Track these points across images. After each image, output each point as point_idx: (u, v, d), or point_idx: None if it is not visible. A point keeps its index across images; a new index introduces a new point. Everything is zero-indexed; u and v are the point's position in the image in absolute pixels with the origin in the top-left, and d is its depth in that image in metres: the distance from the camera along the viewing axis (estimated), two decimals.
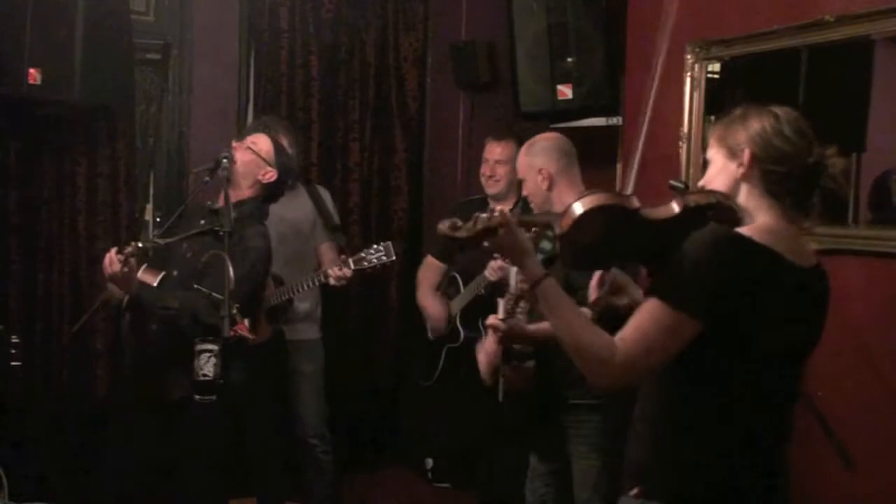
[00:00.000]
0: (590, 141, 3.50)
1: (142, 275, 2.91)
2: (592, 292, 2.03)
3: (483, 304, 3.35)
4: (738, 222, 1.69)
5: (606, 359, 1.61)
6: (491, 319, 2.49)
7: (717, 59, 3.10)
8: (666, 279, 1.62)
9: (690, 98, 3.16)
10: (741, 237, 1.61)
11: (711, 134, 1.80)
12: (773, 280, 1.61)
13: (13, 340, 3.47)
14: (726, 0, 3.04)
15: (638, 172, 2.36)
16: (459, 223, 1.75)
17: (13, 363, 3.47)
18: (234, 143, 3.14)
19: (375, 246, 3.44)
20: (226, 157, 2.98)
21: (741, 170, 1.70)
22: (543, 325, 2.51)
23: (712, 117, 3.19)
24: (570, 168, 2.80)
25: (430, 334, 3.87)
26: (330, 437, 3.74)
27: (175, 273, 2.97)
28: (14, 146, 3.73)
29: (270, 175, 3.10)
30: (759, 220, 1.69)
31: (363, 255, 3.43)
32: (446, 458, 4.44)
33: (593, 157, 3.27)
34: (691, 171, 3.20)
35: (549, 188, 2.77)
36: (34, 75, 3.34)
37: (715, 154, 1.77)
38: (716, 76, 3.12)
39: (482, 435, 3.76)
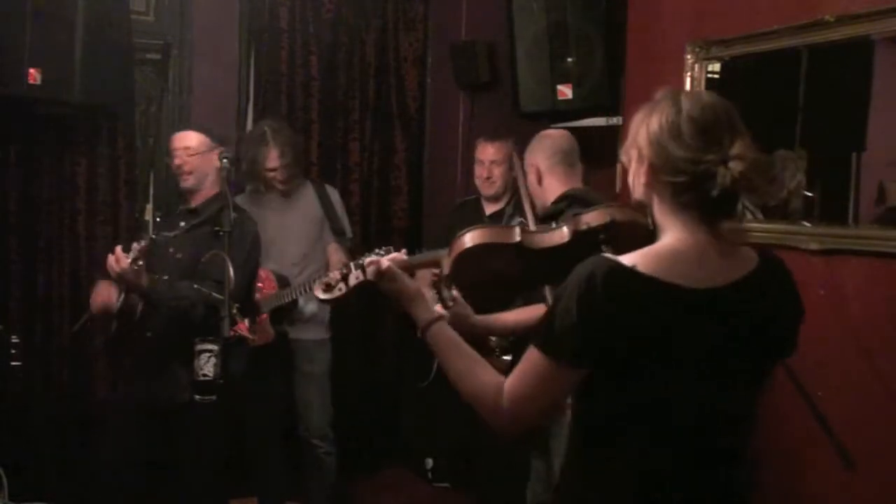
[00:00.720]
0: (590, 141, 3.50)
1: None
2: None
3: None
4: (648, 237, 1.53)
5: (493, 408, 1.52)
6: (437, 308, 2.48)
7: (717, 59, 3.10)
8: (543, 324, 1.48)
9: None
10: (615, 269, 1.42)
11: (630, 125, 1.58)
12: (656, 313, 1.42)
13: (13, 340, 3.47)
14: (726, 0, 3.04)
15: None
16: (332, 281, 1.78)
17: (13, 363, 3.47)
18: (184, 157, 3.12)
19: (377, 250, 3.41)
20: (226, 158, 2.99)
21: (643, 178, 1.51)
22: (492, 318, 2.49)
23: None
24: (563, 165, 2.80)
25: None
26: (333, 438, 3.75)
27: (165, 277, 2.98)
28: (14, 146, 3.73)
29: (216, 159, 3.12)
30: (665, 236, 1.50)
31: (362, 260, 3.41)
32: (446, 458, 4.44)
33: (593, 157, 3.27)
34: None
35: (539, 182, 2.79)
36: (34, 75, 3.34)
37: (630, 152, 1.55)
38: (716, 76, 3.12)
39: (482, 435, 3.75)
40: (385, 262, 1.77)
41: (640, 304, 1.41)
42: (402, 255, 1.83)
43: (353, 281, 1.78)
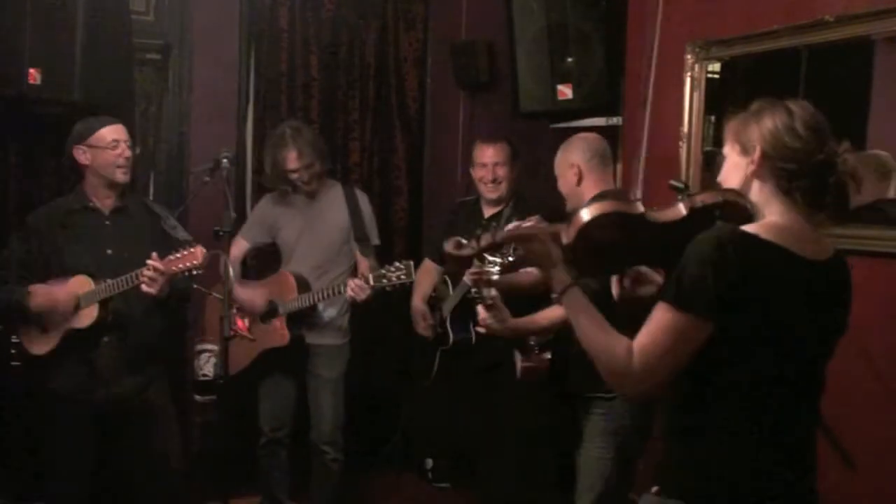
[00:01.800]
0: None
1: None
2: (614, 288, 2.04)
3: (473, 306, 3.34)
4: (749, 219, 1.69)
5: (624, 366, 1.64)
6: (480, 310, 2.51)
7: (717, 59, 3.10)
8: (673, 282, 1.62)
9: (690, 98, 3.17)
10: (745, 234, 1.62)
11: (726, 130, 1.80)
12: (779, 275, 1.61)
13: (13, 340, 3.47)
14: (726, 0, 3.04)
15: (644, 172, 2.37)
16: (464, 241, 1.83)
17: (13, 363, 3.47)
18: (128, 151, 3.07)
19: (397, 264, 3.40)
20: (226, 157, 2.99)
21: (752, 167, 1.70)
22: (526, 320, 2.59)
23: (712, 117, 3.19)
24: (601, 167, 2.82)
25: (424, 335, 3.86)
26: (342, 445, 3.72)
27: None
28: (14, 146, 3.73)
29: (89, 153, 3.08)
30: (769, 216, 1.69)
31: (384, 272, 3.39)
32: (446, 458, 4.44)
33: None
34: (691, 170, 3.21)
35: (578, 183, 2.82)
36: (34, 75, 3.33)
37: (729, 150, 1.77)
38: (716, 76, 3.13)
39: (482, 435, 3.75)
40: (534, 224, 1.88)
41: (765, 264, 1.60)
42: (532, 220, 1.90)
43: (484, 242, 1.83)
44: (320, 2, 4.40)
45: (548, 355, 2.89)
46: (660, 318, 1.62)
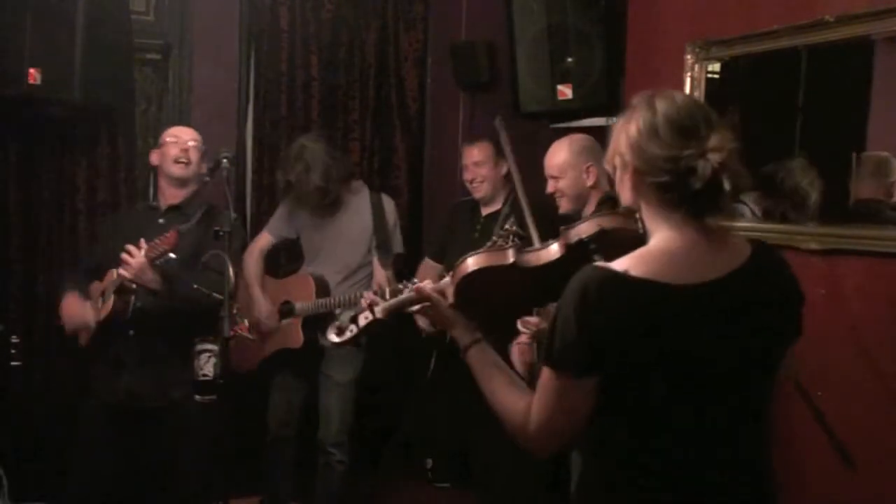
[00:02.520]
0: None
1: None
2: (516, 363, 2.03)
3: None
4: (638, 241, 1.55)
5: (521, 428, 1.56)
6: (527, 318, 2.54)
7: (717, 59, 3.10)
8: (546, 341, 1.51)
9: None
10: (607, 277, 1.45)
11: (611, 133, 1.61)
12: (651, 312, 1.44)
13: (13, 340, 3.48)
14: (726, 0, 3.04)
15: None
16: (343, 325, 1.92)
17: (13, 363, 3.47)
18: (190, 144, 3.16)
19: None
20: (226, 157, 2.99)
21: (629, 183, 1.54)
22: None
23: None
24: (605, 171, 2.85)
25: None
26: (348, 448, 3.72)
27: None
28: (14, 146, 3.73)
29: (204, 167, 3.18)
30: (654, 238, 1.53)
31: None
32: (446, 458, 4.44)
33: None
34: None
35: (594, 185, 2.89)
36: (34, 75, 3.34)
37: (614, 160, 1.58)
38: (716, 76, 3.12)
39: (481, 435, 3.75)
40: (425, 288, 1.84)
41: (635, 308, 1.43)
42: (425, 284, 1.88)
43: (362, 322, 1.89)
44: (320, 2, 4.40)
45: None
46: (543, 381, 1.51)
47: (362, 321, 1.90)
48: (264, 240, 3.76)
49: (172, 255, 2.77)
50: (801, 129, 2.87)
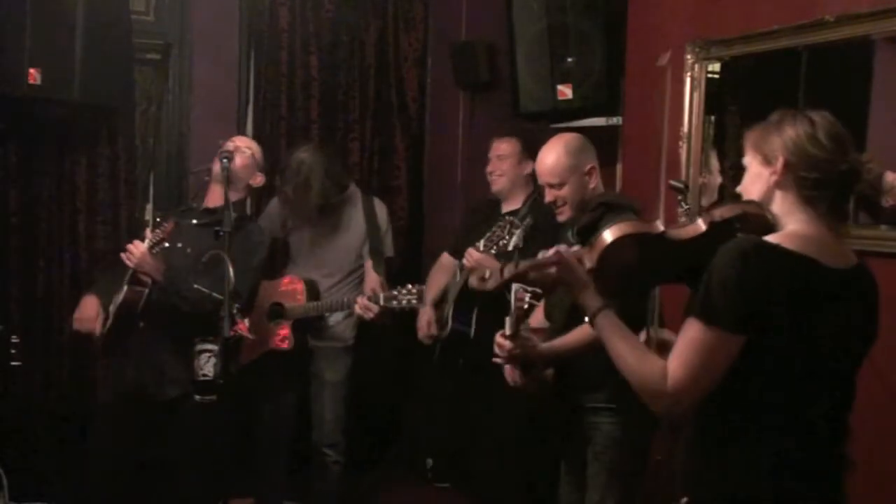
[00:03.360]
0: (590, 141, 3.50)
1: None
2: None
3: (473, 295, 3.31)
4: (770, 231, 1.68)
5: (659, 388, 1.63)
6: (498, 338, 2.50)
7: (717, 59, 3.10)
8: (698, 297, 1.62)
9: (690, 98, 3.16)
10: (767, 245, 1.61)
11: (747, 140, 1.79)
12: (804, 284, 1.60)
13: (13, 340, 3.48)
14: (726, 0, 3.04)
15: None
16: (486, 274, 1.89)
17: (13, 363, 3.47)
18: (229, 146, 3.16)
19: (409, 287, 3.41)
20: (226, 157, 2.99)
21: (775, 177, 1.70)
22: (557, 343, 2.53)
23: (712, 117, 3.19)
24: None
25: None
26: (344, 447, 3.72)
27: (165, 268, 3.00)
28: (14, 146, 3.73)
29: (260, 180, 3.20)
30: (791, 226, 1.68)
31: (395, 293, 3.40)
32: (446, 458, 4.44)
33: None
34: (691, 170, 3.20)
35: (597, 187, 2.75)
36: (34, 75, 3.34)
37: (750, 161, 1.76)
38: (716, 76, 3.12)
39: (482, 435, 3.75)
40: (562, 253, 1.86)
41: (789, 274, 1.59)
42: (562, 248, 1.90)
43: (507, 273, 1.87)
44: (320, 2, 4.40)
45: (550, 371, 2.73)
46: (689, 336, 1.61)
47: (507, 273, 1.88)
48: None
49: (166, 244, 2.82)
50: None
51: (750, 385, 1.63)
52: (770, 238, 1.63)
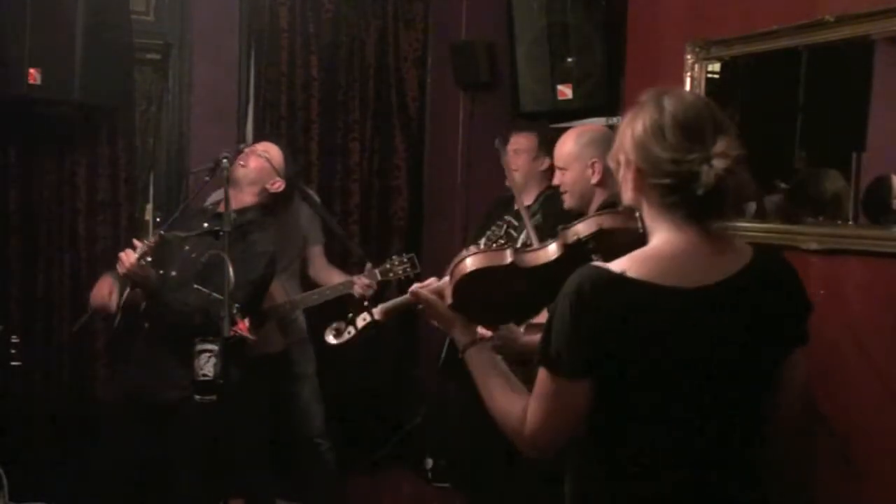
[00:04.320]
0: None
1: None
2: None
3: None
4: (637, 241, 1.53)
5: (517, 429, 1.54)
6: (480, 330, 2.49)
7: (717, 59, 3.10)
8: (542, 342, 1.49)
9: None
10: (604, 278, 1.43)
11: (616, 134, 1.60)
12: (645, 314, 1.42)
13: (13, 340, 3.47)
14: (726, 0, 3.04)
15: None
16: (341, 327, 1.92)
17: (13, 363, 3.47)
18: (245, 149, 3.15)
19: (398, 257, 3.44)
20: (226, 157, 2.99)
21: (631, 183, 1.53)
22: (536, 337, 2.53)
23: None
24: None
25: None
26: (328, 432, 3.75)
27: (174, 273, 2.98)
28: (14, 146, 3.73)
29: (278, 185, 3.13)
30: (654, 239, 1.51)
31: (388, 266, 3.43)
32: (446, 458, 4.44)
33: None
34: None
35: (599, 183, 2.68)
36: (34, 75, 3.34)
37: (618, 157, 1.57)
38: (716, 76, 3.12)
39: (481, 435, 3.75)
40: (420, 290, 1.82)
41: (632, 310, 1.42)
42: (433, 281, 1.86)
43: (360, 323, 1.89)
44: (320, 2, 4.40)
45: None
46: (538, 383, 1.50)
47: (360, 323, 1.90)
48: None
49: (149, 258, 2.77)
50: (801, 129, 2.87)
51: (604, 417, 1.49)
52: (615, 265, 1.45)
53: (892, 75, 2.62)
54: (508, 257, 1.71)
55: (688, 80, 3.13)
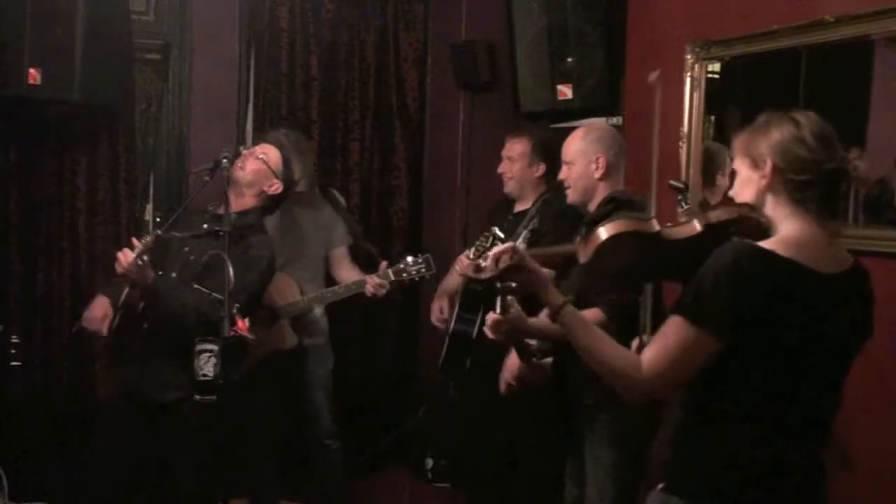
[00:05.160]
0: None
1: None
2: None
3: (478, 297, 3.30)
4: (765, 234, 1.71)
5: (632, 376, 1.68)
6: (491, 316, 2.49)
7: (717, 59, 3.10)
8: (688, 297, 1.64)
9: (690, 98, 3.17)
10: (761, 251, 1.63)
11: (735, 144, 1.80)
12: (793, 290, 1.62)
13: (13, 340, 3.48)
14: (726, 0, 3.04)
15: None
16: (483, 264, 1.90)
17: (13, 363, 3.47)
18: (243, 151, 3.15)
19: (413, 258, 3.43)
20: (226, 158, 2.98)
21: (764, 180, 1.72)
22: (538, 322, 2.53)
23: (712, 117, 3.19)
24: (620, 165, 2.78)
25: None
26: (339, 433, 3.77)
27: (173, 274, 2.98)
28: (14, 146, 3.73)
29: (276, 187, 3.12)
30: (785, 229, 1.70)
31: (402, 266, 3.42)
32: (446, 458, 4.44)
33: None
34: (691, 170, 3.21)
35: (603, 178, 2.74)
36: (34, 75, 3.34)
37: (740, 165, 1.78)
38: (716, 76, 3.13)
39: (481, 435, 3.75)
40: (520, 249, 1.90)
41: (782, 281, 1.61)
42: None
43: (502, 264, 1.88)
44: (320, 2, 4.40)
45: (549, 360, 2.77)
46: (672, 331, 1.65)
47: (503, 263, 1.89)
48: None
49: (145, 257, 2.77)
50: None
51: (729, 383, 1.66)
52: (765, 244, 1.65)
53: (892, 75, 2.62)
54: (655, 226, 1.78)
55: (688, 80, 3.13)
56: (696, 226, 1.76)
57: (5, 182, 3.73)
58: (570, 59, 3.67)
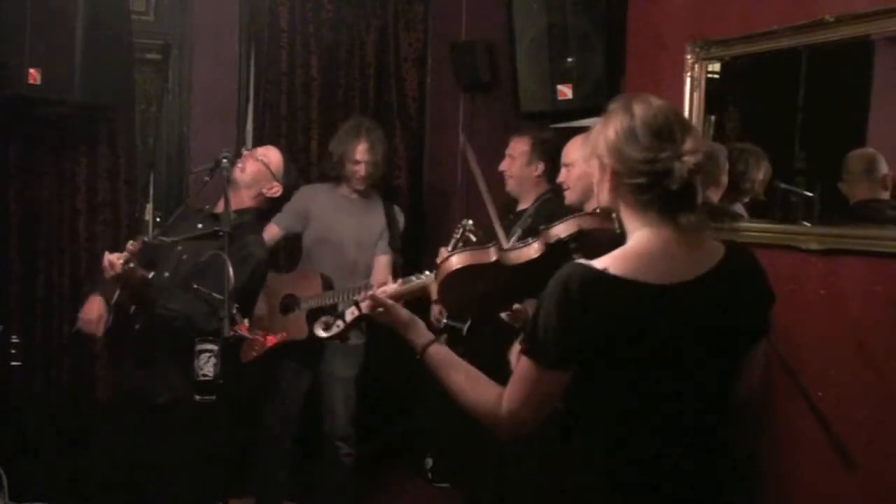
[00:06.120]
0: None
1: None
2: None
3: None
4: (615, 241, 1.61)
5: (494, 416, 1.64)
6: (442, 251, 2.47)
7: (717, 59, 3.10)
8: (527, 332, 1.58)
9: (690, 98, 3.16)
10: (588, 273, 1.52)
11: (588, 140, 1.69)
12: (621, 309, 1.51)
13: (13, 340, 3.48)
14: (726, 0, 3.04)
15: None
16: (330, 320, 1.95)
17: (13, 363, 3.47)
18: (244, 152, 3.16)
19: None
20: (226, 158, 2.98)
21: (607, 185, 1.61)
22: None
23: (712, 117, 3.19)
24: None
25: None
26: (355, 439, 3.76)
27: (166, 274, 2.97)
28: (14, 146, 3.73)
29: (276, 190, 3.13)
30: (633, 238, 1.59)
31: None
32: (446, 458, 4.44)
33: None
34: None
35: None
36: (34, 75, 3.34)
37: (592, 163, 1.66)
38: (716, 76, 3.12)
39: (481, 435, 3.75)
40: (378, 294, 1.89)
41: (614, 305, 1.51)
42: (392, 285, 1.98)
43: (349, 317, 1.92)
44: (320, 2, 4.40)
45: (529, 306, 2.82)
46: (521, 369, 1.60)
47: (349, 317, 1.93)
48: (271, 232, 3.70)
49: (132, 264, 2.74)
50: (801, 129, 2.87)
51: (581, 410, 1.62)
52: (598, 262, 1.54)
53: (892, 75, 2.62)
54: (493, 255, 1.79)
55: (688, 80, 3.13)
56: (535, 249, 1.76)
57: (5, 182, 3.73)
58: (570, 59, 3.67)
